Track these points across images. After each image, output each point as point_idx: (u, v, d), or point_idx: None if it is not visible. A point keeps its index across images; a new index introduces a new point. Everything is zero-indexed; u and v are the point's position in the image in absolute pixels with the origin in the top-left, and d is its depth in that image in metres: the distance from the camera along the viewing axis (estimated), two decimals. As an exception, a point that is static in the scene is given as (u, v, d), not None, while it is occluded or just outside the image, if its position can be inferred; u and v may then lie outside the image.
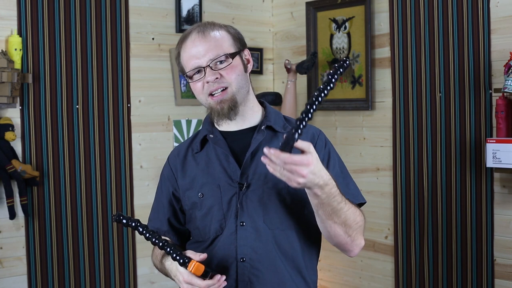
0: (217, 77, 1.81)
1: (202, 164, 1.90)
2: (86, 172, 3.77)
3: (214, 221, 1.84)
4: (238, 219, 1.81)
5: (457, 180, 3.54)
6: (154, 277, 4.04)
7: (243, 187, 1.82)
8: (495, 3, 3.37)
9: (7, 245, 3.58)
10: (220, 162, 1.87)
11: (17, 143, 3.56)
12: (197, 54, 1.82)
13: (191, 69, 1.84)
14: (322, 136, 1.92)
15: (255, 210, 1.81)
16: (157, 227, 1.98)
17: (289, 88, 4.12)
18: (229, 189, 1.84)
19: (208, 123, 1.94)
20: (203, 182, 1.87)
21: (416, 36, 3.67)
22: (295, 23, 4.44)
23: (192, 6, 4.20)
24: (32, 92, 3.60)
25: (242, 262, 1.81)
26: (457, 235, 3.56)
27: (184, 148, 1.97)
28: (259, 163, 1.82)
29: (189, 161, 1.93)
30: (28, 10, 3.57)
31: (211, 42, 1.83)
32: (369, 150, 4.03)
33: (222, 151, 1.87)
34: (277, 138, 1.88)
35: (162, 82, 4.12)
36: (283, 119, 1.93)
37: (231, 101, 1.83)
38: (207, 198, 1.86)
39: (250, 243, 1.81)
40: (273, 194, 1.82)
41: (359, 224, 1.78)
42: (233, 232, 1.82)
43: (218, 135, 1.89)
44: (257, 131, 1.88)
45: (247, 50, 1.92)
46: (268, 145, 1.78)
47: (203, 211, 1.87)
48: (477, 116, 3.44)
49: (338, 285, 4.26)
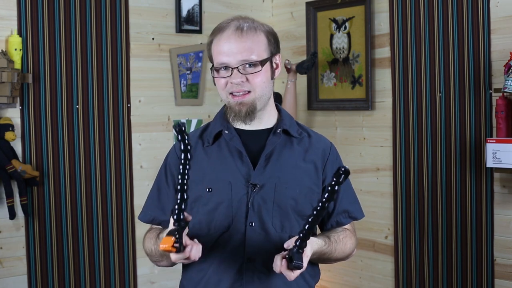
0: (243, 80, 1.80)
1: (213, 158, 1.87)
2: (86, 172, 3.77)
3: (221, 217, 1.82)
4: (248, 219, 1.81)
5: (457, 180, 3.54)
6: (154, 277, 4.04)
7: (255, 187, 1.81)
8: (495, 3, 3.37)
9: (7, 245, 3.58)
10: (234, 159, 1.85)
11: (17, 143, 3.56)
12: (229, 52, 1.79)
13: (219, 64, 1.81)
14: (334, 149, 1.95)
15: (266, 212, 1.81)
16: (154, 216, 1.93)
17: (289, 88, 4.12)
18: (241, 188, 1.82)
19: (223, 118, 1.91)
20: (213, 177, 1.85)
21: (416, 36, 3.67)
22: (295, 23, 4.44)
23: (192, 6, 4.20)
24: (32, 92, 3.60)
25: (248, 262, 1.80)
26: (457, 235, 3.56)
27: (194, 139, 1.92)
28: (273, 166, 1.83)
29: (199, 153, 1.89)
30: (28, 10, 3.57)
31: (246, 43, 1.79)
32: (369, 150, 4.03)
33: (237, 149, 1.85)
34: (291, 142, 1.88)
35: (162, 82, 4.12)
36: (296, 124, 1.94)
37: (250, 105, 1.82)
38: (215, 194, 1.83)
39: (258, 244, 1.80)
40: (284, 198, 1.82)
41: (351, 248, 1.95)
42: (242, 232, 1.81)
43: (233, 132, 1.87)
44: (273, 133, 1.87)
45: (279, 55, 1.89)
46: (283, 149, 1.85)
47: (209, 206, 1.83)
48: (477, 116, 3.44)
49: (338, 285, 4.26)
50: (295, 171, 1.85)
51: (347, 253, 1.93)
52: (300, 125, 1.95)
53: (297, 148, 1.89)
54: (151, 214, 1.93)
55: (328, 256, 1.84)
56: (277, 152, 1.86)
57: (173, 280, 3.99)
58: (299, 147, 1.89)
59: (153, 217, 1.93)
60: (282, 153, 1.86)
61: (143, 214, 1.97)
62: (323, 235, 1.86)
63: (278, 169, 1.81)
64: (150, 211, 1.94)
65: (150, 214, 1.94)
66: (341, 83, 4.14)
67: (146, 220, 1.96)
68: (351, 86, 4.09)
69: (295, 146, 1.89)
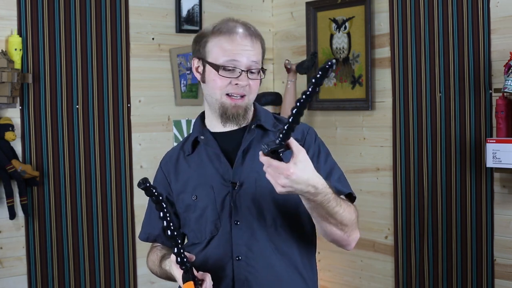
0: (247, 84, 1.81)
1: (194, 166, 1.89)
2: (86, 172, 3.77)
3: (209, 222, 1.84)
4: (233, 218, 1.81)
5: (457, 180, 3.54)
6: (154, 277, 3.99)
7: (236, 186, 1.82)
8: (495, 3, 3.37)
9: (7, 245, 3.58)
10: (212, 162, 1.86)
11: (17, 143, 3.56)
12: (244, 53, 1.79)
13: (229, 62, 1.79)
14: (312, 131, 1.91)
15: (249, 209, 1.81)
16: (149, 232, 1.98)
17: (289, 88, 4.13)
18: (222, 189, 1.83)
19: (198, 125, 1.94)
20: (196, 184, 1.87)
21: (416, 36, 3.67)
22: (295, 23, 4.44)
23: (192, 6, 4.20)
24: (32, 92, 3.60)
25: (238, 260, 1.81)
26: (457, 235, 3.56)
27: (176, 152, 1.96)
28: (250, 162, 1.83)
29: (181, 164, 1.92)
30: (28, 10, 3.57)
31: (256, 50, 1.82)
32: (369, 150, 4.03)
33: (214, 151, 1.87)
34: (268, 136, 1.88)
35: (162, 82, 4.12)
36: (272, 118, 1.94)
37: (244, 109, 1.84)
38: (200, 200, 1.85)
39: (245, 241, 1.81)
40: (266, 192, 1.81)
41: (354, 220, 1.76)
42: (228, 231, 1.82)
43: (208, 136, 1.89)
44: (248, 130, 1.88)
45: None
46: (259, 144, 1.81)
47: (197, 213, 1.86)
48: (477, 116, 3.44)
49: (338, 285, 4.26)
50: None
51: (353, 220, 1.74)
52: (277, 118, 1.95)
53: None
54: (146, 232, 2.00)
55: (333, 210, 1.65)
56: (253, 148, 1.85)
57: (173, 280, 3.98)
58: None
59: (148, 234, 2.00)
60: (258, 148, 1.84)
61: (141, 232, 2.04)
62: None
63: (257, 164, 1.76)
64: (145, 229, 2.01)
65: (144, 232, 2.01)
66: (341, 83, 4.14)
67: (143, 238, 2.03)
68: (351, 86, 4.09)
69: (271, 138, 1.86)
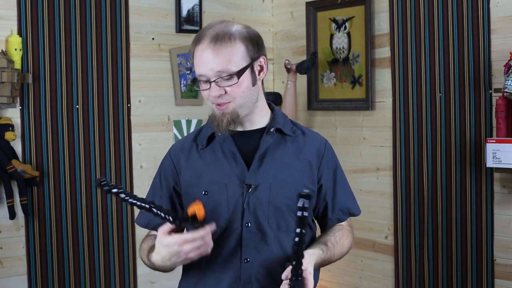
0: (222, 93, 1.77)
1: (207, 161, 1.87)
2: (86, 172, 3.77)
3: (218, 219, 1.82)
4: (244, 220, 1.81)
5: (457, 180, 3.54)
6: (154, 277, 4.04)
7: (250, 188, 1.81)
8: (495, 3, 3.37)
9: (7, 245, 3.58)
10: (228, 161, 1.85)
11: (17, 143, 3.56)
12: (205, 65, 1.77)
13: (198, 76, 1.80)
14: (329, 146, 1.95)
15: (261, 212, 1.81)
16: (149, 219, 1.92)
17: (289, 88, 4.12)
18: (236, 189, 1.82)
19: None
20: (209, 180, 1.85)
21: (416, 36, 3.67)
22: (295, 23, 4.44)
23: (192, 6, 4.20)
24: (32, 92, 3.60)
25: (246, 263, 1.80)
26: (457, 235, 3.56)
27: (188, 143, 1.93)
28: (267, 166, 1.83)
29: (194, 156, 1.89)
30: (28, 10, 3.57)
31: (221, 57, 1.75)
32: (369, 150, 4.03)
33: (230, 150, 1.85)
34: (285, 141, 1.87)
35: (162, 82, 4.12)
36: (290, 122, 1.93)
37: (231, 115, 1.80)
38: (212, 197, 1.83)
39: (255, 244, 1.80)
40: (279, 197, 1.81)
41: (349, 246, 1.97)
42: (238, 232, 1.81)
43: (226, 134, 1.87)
44: (266, 132, 1.86)
45: (263, 57, 1.84)
46: (277, 148, 1.84)
47: (206, 209, 1.81)
48: (477, 116, 3.44)
49: (338, 285, 4.26)
50: (289, 170, 1.85)
51: (345, 252, 1.96)
52: (295, 123, 1.94)
53: (291, 146, 1.88)
54: (146, 218, 1.93)
55: (328, 262, 1.88)
56: (271, 152, 1.85)
57: (173, 281, 3.97)
58: (293, 145, 1.88)
59: (148, 221, 1.93)
60: (276, 152, 1.85)
61: (139, 218, 1.97)
62: (320, 243, 1.86)
63: (273, 168, 1.80)
64: (146, 215, 1.92)
65: (145, 217, 1.94)
66: (341, 83, 4.14)
67: (142, 224, 1.97)
68: (351, 86, 4.09)
69: (289, 144, 1.88)
